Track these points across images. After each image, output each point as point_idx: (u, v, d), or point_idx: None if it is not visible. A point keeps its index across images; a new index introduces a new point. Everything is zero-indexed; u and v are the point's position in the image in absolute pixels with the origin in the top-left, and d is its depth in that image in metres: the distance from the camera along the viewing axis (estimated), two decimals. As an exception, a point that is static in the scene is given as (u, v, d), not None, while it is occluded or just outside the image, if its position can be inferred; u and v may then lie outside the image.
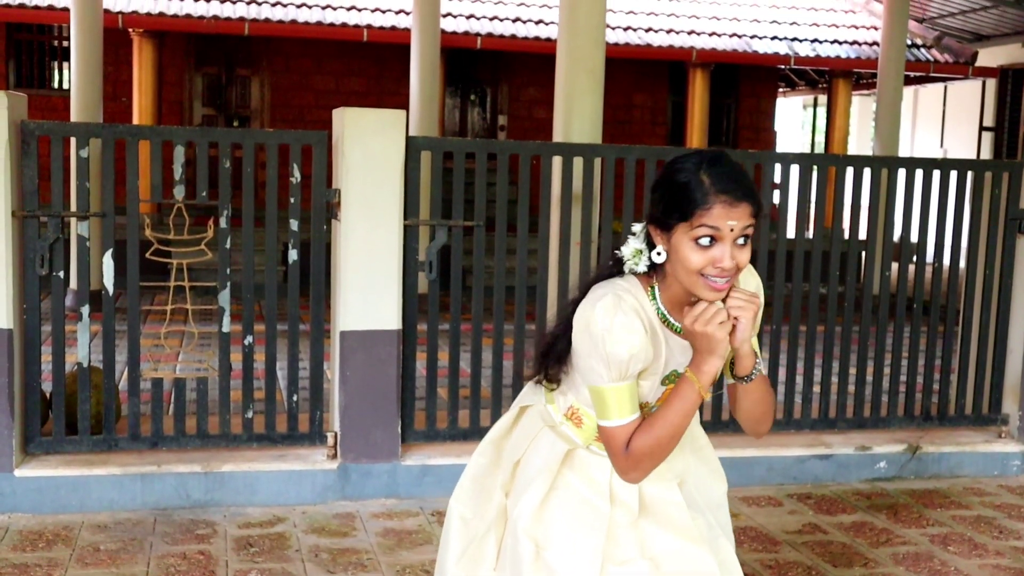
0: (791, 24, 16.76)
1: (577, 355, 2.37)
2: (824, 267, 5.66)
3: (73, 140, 4.80)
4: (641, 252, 2.36)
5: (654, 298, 2.36)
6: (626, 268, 2.38)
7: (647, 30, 15.66)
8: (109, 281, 4.83)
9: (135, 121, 13.55)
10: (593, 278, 2.45)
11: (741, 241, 2.23)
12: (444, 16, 13.84)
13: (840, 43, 16.38)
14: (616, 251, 2.42)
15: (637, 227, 2.40)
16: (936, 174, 5.70)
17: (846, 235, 5.83)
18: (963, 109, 19.61)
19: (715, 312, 2.25)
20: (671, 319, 2.37)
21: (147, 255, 4.85)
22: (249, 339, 5.02)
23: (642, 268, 2.37)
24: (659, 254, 2.31)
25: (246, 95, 15.81)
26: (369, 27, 14.29)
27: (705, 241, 2.21)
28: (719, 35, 15.93)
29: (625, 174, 5.32)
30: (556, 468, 2.49)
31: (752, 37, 16.07)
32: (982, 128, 19.08)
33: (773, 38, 16.17)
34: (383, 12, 14.69)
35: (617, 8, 15.77)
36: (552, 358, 2.51)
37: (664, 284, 2.36)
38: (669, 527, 2.49)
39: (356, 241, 4.89)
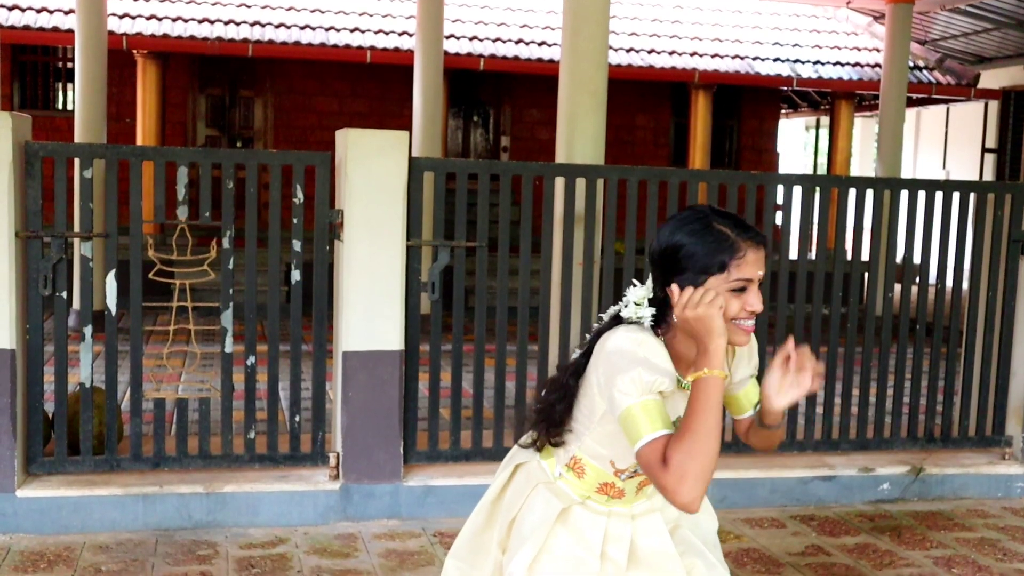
0: (793, 46, 16.80)
1: (603, 384, 2.31)
2: (827, 288, 5.66)
3: (77, 161, 4.81)
4: (642, 317, 2.36)
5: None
6: (641, 320, 2.37)
7: (649, 52, 15.70)
8: (112, 301, 4.84)
9: (139, 142, 13.60)
10: (595, 332, 2.44)
11: (760, 286, 2.34)
12: (447, 38, 13.88)
13: (842, 65, 16.42)
14: (617, 312, 2.42)
15: (636, 292, 2.40)
16: (938, 196, 5.70)
17: (849, 256, 5.83)
18: (965, 131, 19.64)
19: (703, 293, 2.24)
20: (676, 372, 2.35)
21: (150, 275, 4.86)
22: (251, 359, 5.02)
23: (646, 325, 2.36)
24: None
25: (250, 116, 15.85)
26: (372, 49, 14.33)
27: (740, 289, 2.27)
28: (722, 56, 15.97)
29: (627, 195, 5.33)
30: (550, 526, 2.48)
31: (755, 59, 16.11)
32: (984, 150, 19.10)
33: (775, 60, 16.21)
34: (386, 34, 14.74)
35: (620, 30, 15.82)
36: (552, 423, 2.48)
37: (670, 339, 2.37)
38: None
39: (359, 262, 4.90)
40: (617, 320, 2.41)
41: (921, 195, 5.65)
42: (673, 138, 17.19)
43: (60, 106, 15.42)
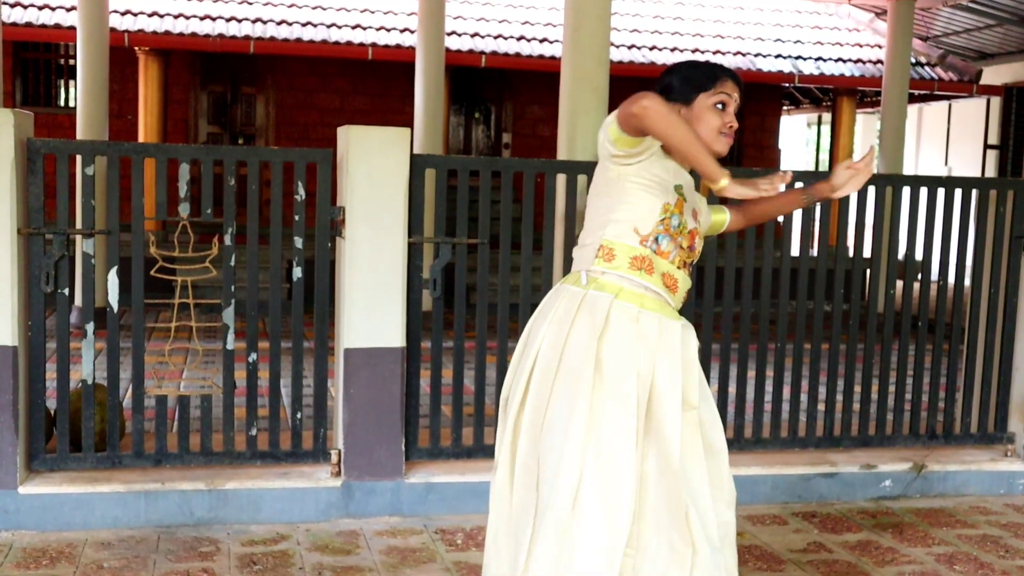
0: (795, 42, 16.80)
1: (600, 143, 2.94)
2: (829, 285, 5.65)
3: (79, 158, 4.81)
4: None
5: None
6: None
7: (651, 48, 15.70)
8: (114, 298, 4.84)
9: (140, 139, 13.61)
10: None
11: (736, 113, 3.03)
12: (449, 34, 13.89)
13: (844, 61, 16.40)
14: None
15: None
16: (940, 192, 5.70)
17: (851, 253, 5.82)
18: (968, 127, 19.63)
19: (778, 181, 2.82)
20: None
21: (152, 272, 4.86)
22: (253, 356, 5.02)
23: None
24: None
25: (251, 113, 15.86)
26: (374, 45, 14.33)
27: (720, 107, 2.99)
28: (723, 53, 15.96)
29: (629, 192, 5.31)
30: (603, 321, 2.89)
31: (756, 55, 16.11)
32: (987, 146, 19.08)
33: (777, 56, 16.20)
34: (388, 30, 14.74)
35: (621, 26, 15.82)
36: None
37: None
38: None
39: (360, 259, 4.90)
40: None
41: (923, 192, 5.65)
42: (675, 134, 17.15)
43: (62, 103, 15.44)
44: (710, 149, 2.86)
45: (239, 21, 14.36)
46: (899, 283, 5.98)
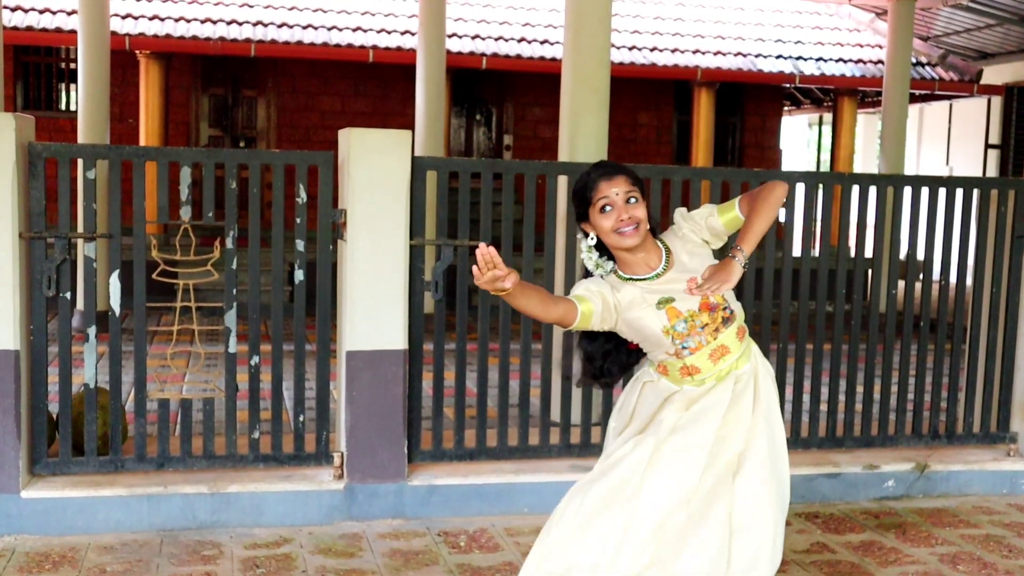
0: (796, 43, 16.79)
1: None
2: (831, 285, 5.65)
3: (80, 161, 4.81)
4: (592, 248, 3.28)
5: (620, 276, 3.27)
6: (597, 273, 3.30)
7: (652, 49, 15.69)
8: (116, 302, 4.84)
9: (142, 142, 13.61)
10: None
11: (633, 201, 3.20)
12: (450, 36, 13.89)
13: (845, 61, 16.40)
14: (584, 267, 3.34)
15: (581, 238, 3.33)
16: (942, 192, 5.70)
17: (852, 253, 5.82)
18: (969, 127, 19.61)
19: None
20: (635, 277, 3.26)
21: (153, 276, 4.86)
22: (255, 359, 5.02)
23: (595, 260, 3.28)
24: (592, 239, 3.27)
25: (252, 116, 15.86)
26: (375, 48, 14.33)
27: (607, 209, 3.19)
28: (724, 54, 15.96)
29: (630, 193, 5.31)
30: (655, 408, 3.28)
31: (757, 56, 16.10)
32: (988, 146, 19.06)
33: (778, 57, 16.20)
34: (389, 33, 14.74)
35: (622, 27, 15.81)
36: (608, 376, 3.46)
37: (619, 262, 3.30)
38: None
39: (362, 261, 4.90)
40: (588, 275, 3.33)
41: (924, 191, 5.65)
42: (676, 136, 17.18)
43: (63, 107, 15.43)
44: (627, 253, 3.25)
45: (240, 24, 14.36)
46: (901, 283, 5.99)
